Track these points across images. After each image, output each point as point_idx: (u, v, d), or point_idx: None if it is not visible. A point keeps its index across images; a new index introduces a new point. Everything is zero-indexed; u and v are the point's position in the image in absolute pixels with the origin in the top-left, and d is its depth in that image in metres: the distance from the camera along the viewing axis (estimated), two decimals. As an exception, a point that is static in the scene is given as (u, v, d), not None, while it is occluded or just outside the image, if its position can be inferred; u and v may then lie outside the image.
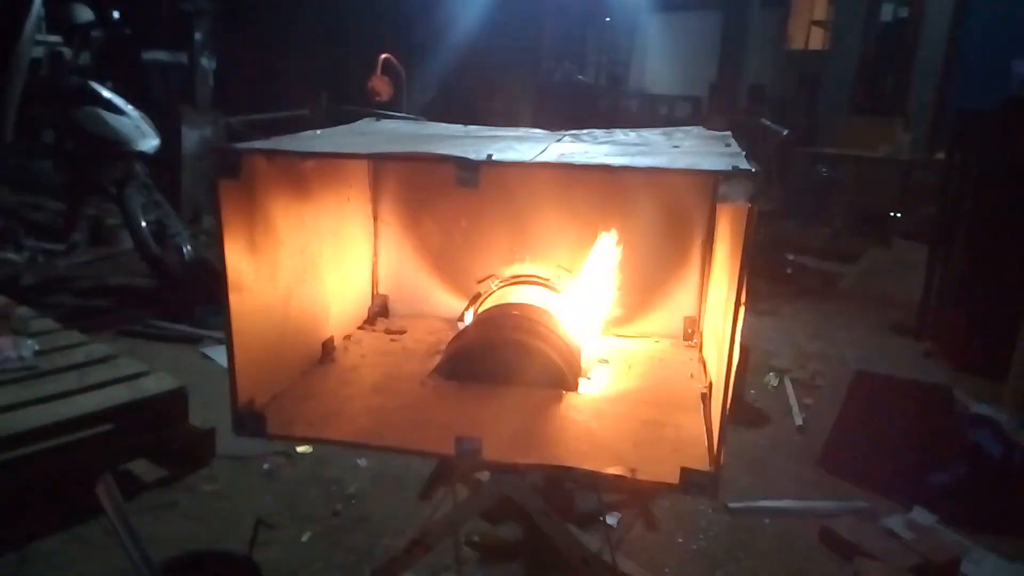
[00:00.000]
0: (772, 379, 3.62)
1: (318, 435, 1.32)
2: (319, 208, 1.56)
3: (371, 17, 6.60)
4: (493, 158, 1.10)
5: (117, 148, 3.88)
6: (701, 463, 1.21)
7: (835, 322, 4.55)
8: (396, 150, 1.23)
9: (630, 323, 1.80)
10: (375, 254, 1.89)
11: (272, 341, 1.42)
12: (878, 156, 6.29)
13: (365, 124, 1.71)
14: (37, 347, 2.48)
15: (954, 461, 2.57)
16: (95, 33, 4.09)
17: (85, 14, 4.22)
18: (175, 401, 2.32)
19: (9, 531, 1.94)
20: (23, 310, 2.81)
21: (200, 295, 3.84)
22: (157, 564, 1.40)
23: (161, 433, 2.29)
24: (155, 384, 2.31)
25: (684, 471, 1.17)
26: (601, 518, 2.16)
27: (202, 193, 5.95)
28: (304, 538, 2.09)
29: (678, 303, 1.79)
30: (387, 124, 1.66)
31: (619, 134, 1.62)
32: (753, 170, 1.02)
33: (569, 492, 2.29)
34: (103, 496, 1.37)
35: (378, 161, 1.77)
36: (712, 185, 1.60)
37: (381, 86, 4.62)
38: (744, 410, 3.23)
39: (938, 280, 4.23)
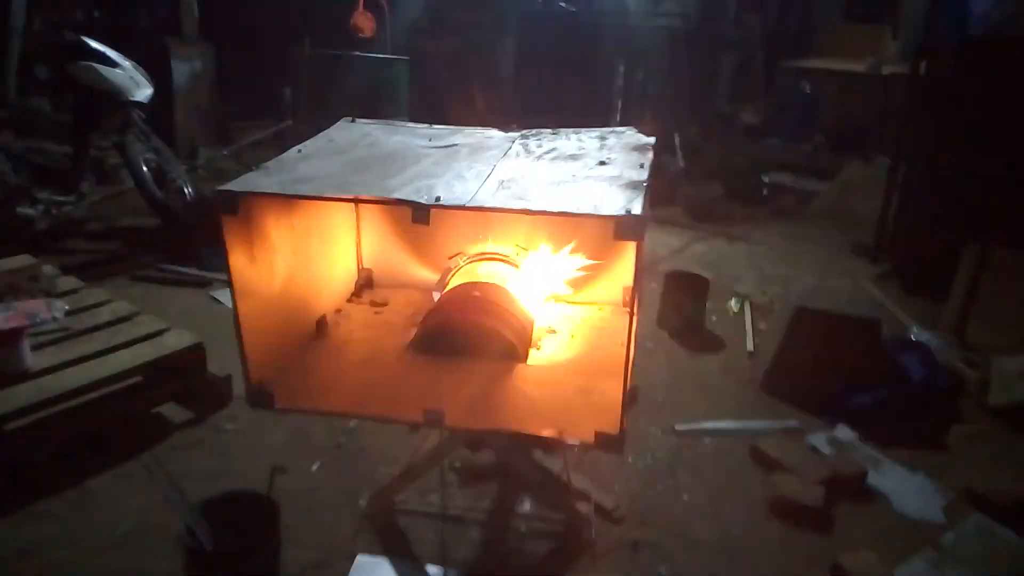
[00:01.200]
0: (734, 305, 3.95)
1: (316, 407, 1.67)
2: (305, 214, 1.84)
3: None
4: (440, 201, 1.38)
5: (114, 99, 4.07)
6: (613, 425, 1.55)
7: (802, 245, 4.84)
8: (368, 189, 1.49)
9: (580, 292, 2.12)
10: (358, 234, 2.18)
11: (274, 328, 1.74)
12: (860, 71, 6.35)
13: (341, 131, 1.95)
14: (67, 307, 2.81)
15: (876, 384, 2.94)
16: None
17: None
18: (194, 353, 2.67)
19: (67, 473, 2.33)
20: (48, 269, 3.12)
21: (204, 235, 4.14)
22: (196, 506, 1.78)
23: (184, 382, 2.66)
24: (176, 340, 2.65)
25: (597, 434, 1.52)
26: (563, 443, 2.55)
27: (195, 126, 6.13)
28: (313, 467, 2.48)
29: (619, 274, 2.09)
30: (362, 135, 1.90)
31: (562, 139, 1.86)
32: (639, 212, 1.30)
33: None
34: (151, 467, 1.72)
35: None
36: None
37: (364, 22, 4.73)
38: (703, 337, 3.60)
39: (896, 202, 4.45)
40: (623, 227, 1.30)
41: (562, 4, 5.51)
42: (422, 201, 1.38)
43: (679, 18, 6.12)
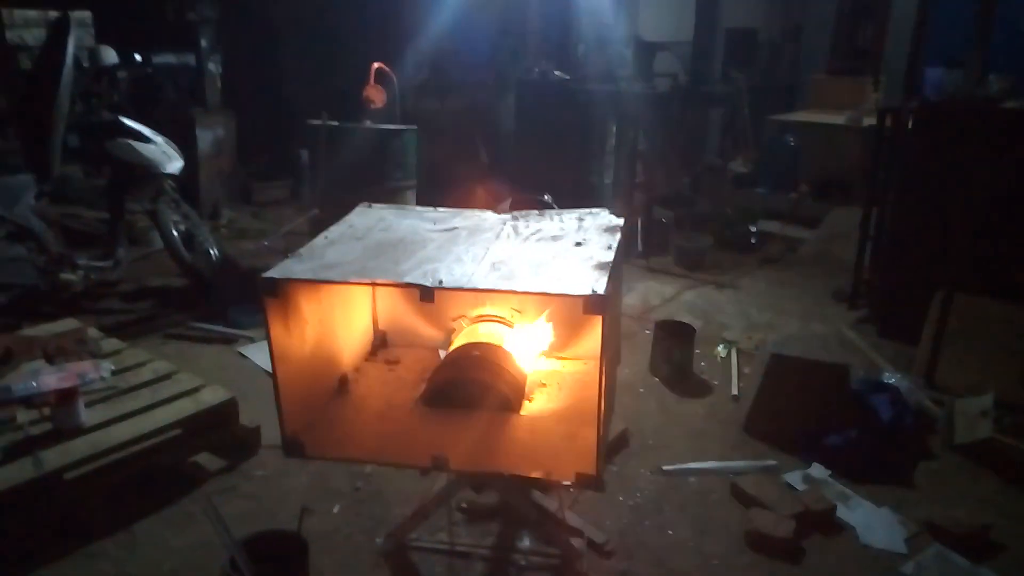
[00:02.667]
0: (722, 350, 4.24)
1: (340, 454, 1.97)
2: (331, 291, 2.16)
3: (357, 7, 7.01)
4: (443, 284, 1.70)
5: (147, 171, 4.46)
6: (591, 467, 1.84)
7: (787, 292, 5.13)
8: (383, 274, 1.81)
9: (565, 348, 2.42)
10: (374, 303, 2.50)
11: (305, 386, 2.05)
12: (841, 124, 6.72)
13: (360, 216, 2.29)
14: (113, 367, 3.13)
15: (846, 426, 3.20)
16: (120, 73, 4.62)
17: (111, 56, 4.74)
18: (228, 407, 2.98)
19: (117, 517, 2.62)
20: (92, 331, 3.46)
21: (229, 294, 4.49)
22: (238, 542, 2.06)
23: (219, 432, 2.96)
24: (211, 396, 2.96)
25: (577, 474, 1.81)
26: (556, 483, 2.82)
27: (218, 189, 6.55)
28: (335, 510, 2.76)
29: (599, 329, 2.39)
30: (377, 220, 2.23)
31: (546, 220, 2.19)
32: (602, 292, 1.62)
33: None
34: (207, 513, 2.01)
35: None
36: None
37: (375, 94, 5.13)
38: (691, 382, 3.88)
39: (869, 249, 4.75)
40: (590, 304, 1.62)
41: (556, 73, 5.93)
42: (427, 284, 1.70)
43: (668, 79, 6.53)
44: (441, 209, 2.34)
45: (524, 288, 1.69)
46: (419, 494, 2.68)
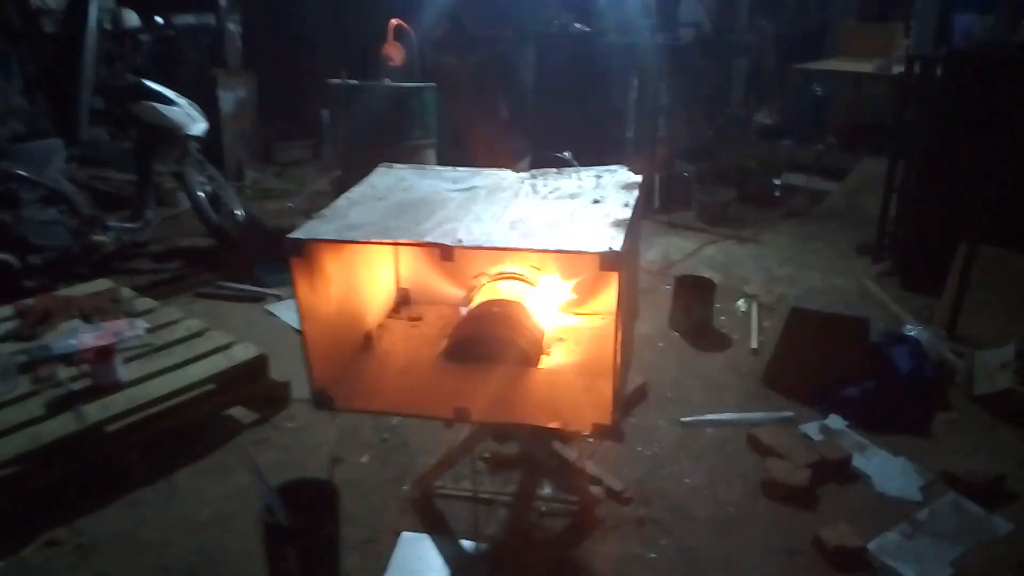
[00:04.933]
0: (743, 305, 4.26)
1: (367, 407, 2.05)
2: (354, 250, 2.22)
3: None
4: (463, 243, 1.75)
5: (172, 133, 4.53)
6: (607, 417, 1.90)
7: (809, 245, 5.11)
8: (403, 233, 1.86)
9: (583, 304, 2.47)
10: (397, 262, 2.56)
11: (331, 343, 2.13)
12: (870, 72, 6.56)
13: (381, 177, 2.33)
14: (147, 325, 3.25)
15: (865, 377, 3.23)
16: (143, 36, 4.65)
17: (132, 19, 4.77)
18: (259, 363, 3.08)
19: (156, 467, 2.76)
20: (126, 291, 3.58)
21: (256, 253, 4.59)
22: (273, 489, 2.17)
23: (250, 387, 3.08)
24: (243, 352, 3.07)
25: (594, 424, 1.87)
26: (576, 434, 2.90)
27: (241, 150, 6.61)
28: (363, 459, 2.88)
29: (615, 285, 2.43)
30: (397, 180, 2.27)
31: (564, 178, 2.22)
32: (619, 248, 1.65)
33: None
34: (243, 461, 2.12)
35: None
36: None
37: (394, 52, 5.12)
38: (711, 336, 3.92)
39: (895, 201, 4.70)
40: (605, 261, 1.65)
41: (577, 25, 5.84)
42: (447, 243, 1.75)
43: (692, 29, 6.41)
44: (460, 169, 2.37)
45: (541, 246, 1.74)
46: (444, 444, 2.78)
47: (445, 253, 1.75)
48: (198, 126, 4.60)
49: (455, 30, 7.15)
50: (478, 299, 2.43)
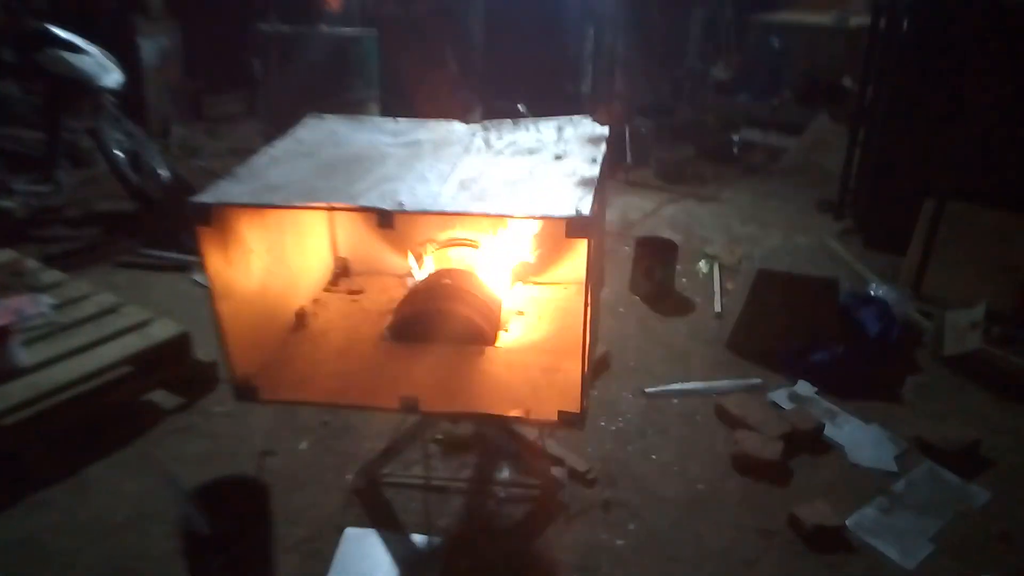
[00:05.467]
0: (704, 266, 4.08)
1: (298, 397, 1.78)
2: (278, 214, 1.93)
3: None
4: (404, 207, 1.48)
5: (83, 86, 4.06)
6: (574, 404, 1.68)
7: (769, 203, 4.96)
8: (336, 196, 1.58)
9: (544, 272, 2.23)
10: (332, 227, 2.27)
11: (255, 324, 1.84)
12: (827, 24, 6.39)
13: (309, 130, 2.02)
14: (53, 301, 2.89)
15: (834, 341, 3.09)
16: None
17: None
18: (180, 341, 2.77)
19: (64, 463, 2.44)
20: (31, 263, 3.19)
21: (181, 218, 4.19)
22: (190, 491, 1.90)
23: (172, 369, 2.76)
24: (161, 330, 2.74)
25: (561, 413, 1.65)
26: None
27: (167, 105, 6.09)
28: (301, 446, 2.61)
29: (582, 254, 2.19)
30: (328, 134, 1.97)
31: (522, 131, 1.95)
32: (587, 213, 1.41)
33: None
34: (160, 471, 1.83)
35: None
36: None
37: (331, -2, 4.70)
38: (673, 300, 3.73)
39: (858, 157, 4.56)
40: (573, 226, 1.41)
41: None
42: (386, 208, 1.47)
43: (647, -24, 6.10)
44: (402, 120, 2.08)
45: (498, 211, 1.48)
46: (391, 427, 2.53)
47: (384, 220, 1.48)
48: (112, 77, 4.14)
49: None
50: (426, 268, 2.17)
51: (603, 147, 1.80)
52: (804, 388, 3.00)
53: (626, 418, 2.81)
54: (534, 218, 1.48)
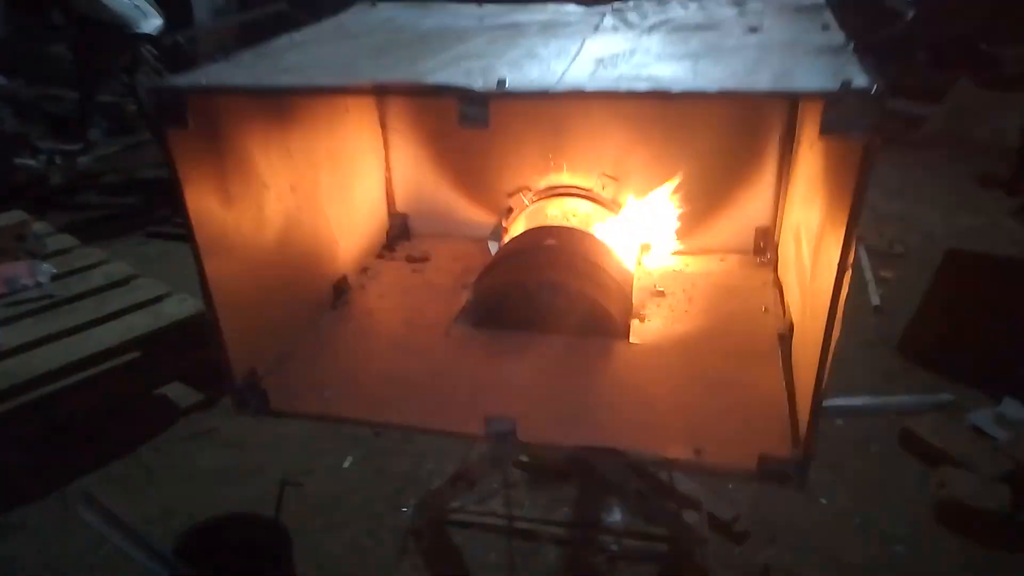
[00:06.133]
0: (844, 248, 3.31)
1: (329, 411, 1.15)
2: (309, 129, 1.30)
3: None
4: (507, 86, 0.82)
5: (119, 32, 3.58)
6: (782, 442, 1.00)
7: (916, 176, 4.11)
8: (389, 74, 0.94)
9: (691, 236, 1.53)
10: (388, 169, 1.63)
11: (269, 299, 1.23)
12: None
13: (356, 16, 1.39)
14: (54, 270, 2.37)
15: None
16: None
17: None
18: (200, 323, 2.18)
19: (49, 474, 1.90)
20: (39, 226, 2.68)
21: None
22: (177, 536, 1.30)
23: (191, 356, 2.19)
24: (176, 308, 2.18)
25: (763, 459, 0.96)
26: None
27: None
28: (346, 463, 2.01)
29: (748, 210, 1.50)
30: (384, 20, 1.34)
31: (676, 7, 1.26)
32: (874, 87, 0.72)
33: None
34: (85, 512, 1.24)
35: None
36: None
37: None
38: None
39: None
40: (841, 110, 0.72)
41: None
42: (476, 88, 0.81)
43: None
44: (489, 4, 1.41)
45: (685, 87, 0.79)
46: (460, 442, 1.90)
47: (471, 111, 0.82)
48: (151, 23, 3.65)
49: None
50: (517, 229, 1.51)
51: (829, 15, 1.09)
52: (1014, 409, 2.22)
53: (774, 442, 2.08)
54: (760, 95, 0.80)
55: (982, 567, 1.70)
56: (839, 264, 0.82)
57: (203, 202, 1.04)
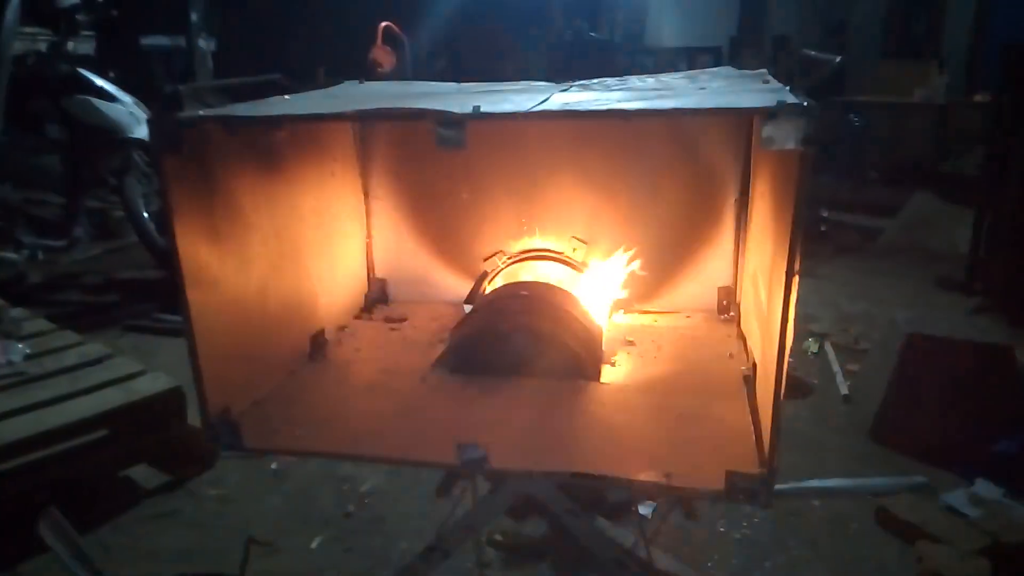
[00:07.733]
0: (812, 345, 3.40)
1: (304, 447, 1.15)
2: (296, 184, 1.38)
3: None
4: (481, 110, 0.90)
5: (111, 137, 3.74)
6: (748, 463, 1.02)
7: (877, 280, 4.29)
8: (370, 102, 1.04)
9: (657, 297, 1.60)
10: (369, 235, 1.70)
11: (247, 340, 1.25)
12: (913, 102, 5.94)
13: (346, 87, 1.51)
14: (28, 350, 2.35)
15: (1019, 426, 2.34)
16: (80, 16, 3.92)
17: (67, -4, 4.06)
18: (172, 401, 2.17)
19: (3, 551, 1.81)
20: (16, 311, 2.68)
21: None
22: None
23: (160, 435, 2.15)
24: (150, 384, 2.16)
25: (730, 475, 0.98)
26: (634, 508, 1.98)
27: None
28: (314, 544, 1.94)
29: (710, 271, 1.58)
30: (371, 86, 1.47)
31: (634, 80, 1.40)
32: (805, 103, 0.81)
33: (598, 481, 2.12)
34: (47, 533, 1.20)
35: (366, 128, 1.59)
36: (746, 131, 1.39)
37: (383, 56, 4.41)
38: (787, 383, 3.02)
39: (988, 229, 3.95)
40: (779, 125, 0.80)
41: (592, 35, 5.19)
42: (453, 110, 0.90)
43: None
44: (471, 83, 1.55)
45: (636, 107, 0.88)
46: (435, 522, 1.86)
47: (448, 132, 0.90)
48: (143, 129, 3.80)
49: (453, 65, 6.54)
50: (493, 288, 1.57)
51: (770, 79, 1.22)
52: (986, 488, 2.23)
53: (754, 523, 2.07)
54: (712, 112, 0.88)
55: (968, 641, 1.66)
56: (788, 259, 0.88)
57: (191, 232, 1.09)
